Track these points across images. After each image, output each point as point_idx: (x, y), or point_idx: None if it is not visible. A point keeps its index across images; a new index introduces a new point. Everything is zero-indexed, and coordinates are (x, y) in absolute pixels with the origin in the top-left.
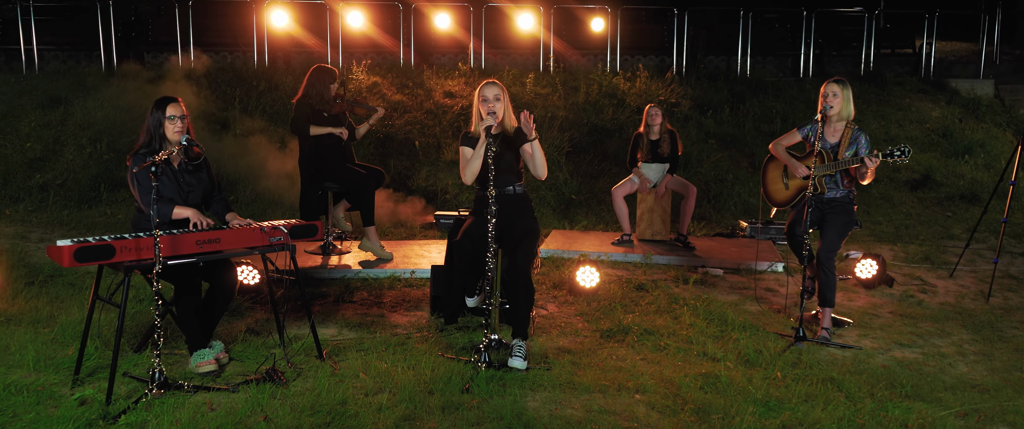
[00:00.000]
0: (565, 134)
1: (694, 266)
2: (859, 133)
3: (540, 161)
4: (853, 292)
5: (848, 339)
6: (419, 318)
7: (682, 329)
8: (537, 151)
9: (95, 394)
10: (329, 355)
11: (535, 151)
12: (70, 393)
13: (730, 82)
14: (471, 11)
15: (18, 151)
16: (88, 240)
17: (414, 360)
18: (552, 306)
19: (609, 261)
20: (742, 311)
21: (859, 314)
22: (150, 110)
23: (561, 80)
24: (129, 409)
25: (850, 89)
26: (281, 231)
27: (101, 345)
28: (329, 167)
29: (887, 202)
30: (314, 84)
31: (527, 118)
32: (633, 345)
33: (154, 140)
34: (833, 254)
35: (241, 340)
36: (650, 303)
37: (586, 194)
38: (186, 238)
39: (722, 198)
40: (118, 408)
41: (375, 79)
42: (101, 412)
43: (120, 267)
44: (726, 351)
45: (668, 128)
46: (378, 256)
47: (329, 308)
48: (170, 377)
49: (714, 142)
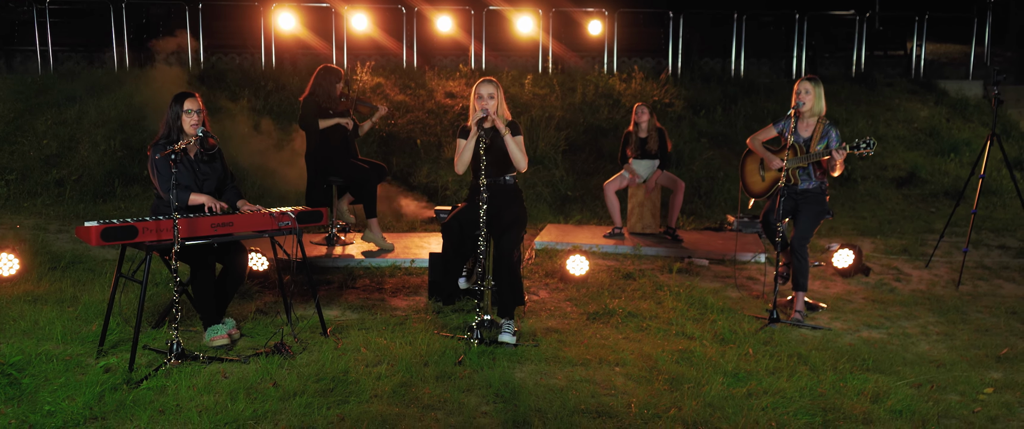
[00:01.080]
0: (561, 133)
1: (681, 257)
2: (830, 128)
3: (514, 153)
4: (830, 280)
5: (820, 321)
6: (417, 302)
7: (664, 312)
8: (510, 143)
9: (119, 363)
10: (333, 333)
11: (508, 144)
12: (95, 362)
13: (723, 83)
14: (472, 14)
15: (35, 148)
16: (113, 222)
17: (412, 337)
18: (543, 292)
19: (600, 252)
20: (722, 297)
21: (833, 300)
22: (169, 104)
23: (559, 81)
24: (150, 376)
25: (821, 86)
26: (289, 217)
27: (122, 322)
28: (334, 162)
29: (873, 198)
30: (321, 83)
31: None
32: (617, 326)
33: (173, 132)
34: (805, 241)
35: (251, 319)
36: (636, 289)
37: (581, 190)
38: (202, 221)
39: (713, 194)
40: (140, 375)
41: (379, 80)
42: (124, 378)
43: (142, 247)
44: (703, 331)
45: (656, 126)
46: (380, 247)
47: (333, 293)
48: (187, 349)
49: (706, 141)
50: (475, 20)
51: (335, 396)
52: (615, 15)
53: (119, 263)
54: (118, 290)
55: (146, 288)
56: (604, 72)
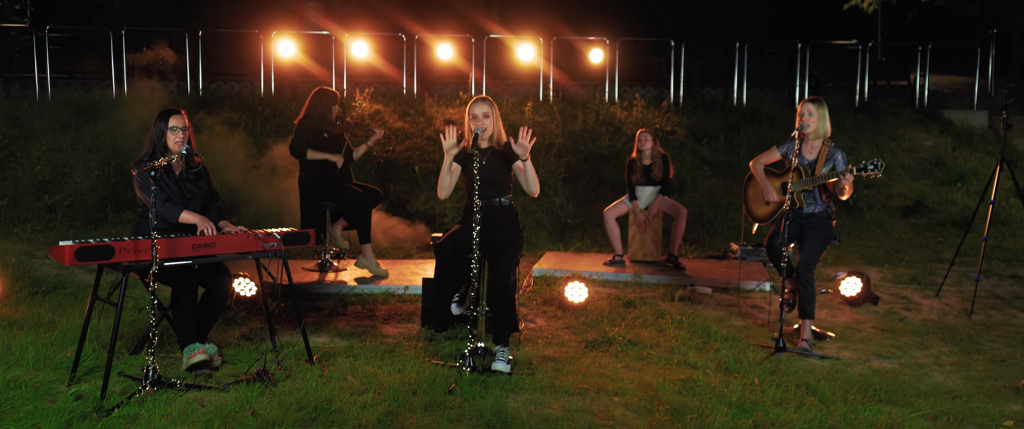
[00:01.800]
0: (562, 160)
1: (683, 285)
2: (836, 150)
3: (532, 179)
4: (838, 309)
5: (828, 350)
6: (409, 329)
7: (666, 340)
8: (529, 169)
9: (91, 390)
10: (319, 360)
11: (527, 169)
12: (67, 389)
13: (726, 112)
14: (473, 42)
15: (28, 174)
16: (89, 241)
17: (401, 365)
18: (541, 320)
19: (600, 280)
20: (726, 325)
21: (842, 329)
22: (154, 121)
23: (559, 108)
24: (122, 404)
25: (825, 108)
26: (275, 238)
27: (99, 347)
28: (327, 186)
29: (879, 228)
30: (316, 106)
31: (525, 134)
32: (616, 354)
33: (157, 149)
34: (812, 267)
35: (235, 345)
36: (637, 317)
37: (581, 218)
38: (183, 241)
39: (715, 222)
40: (112, 402)
41: (377, 106)
42: (95, 405)
43: (118, 267)
44: (706, 360)
45: (660, 152)
46: (374, 273)
47: (322, 319)
48: (164, 376)
49: (708, 169)
50: (476, 48)
51: (317, 426)
52: (616, 44)
53: (95, 285)
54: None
55: (121, 311)
56: (605, 100)
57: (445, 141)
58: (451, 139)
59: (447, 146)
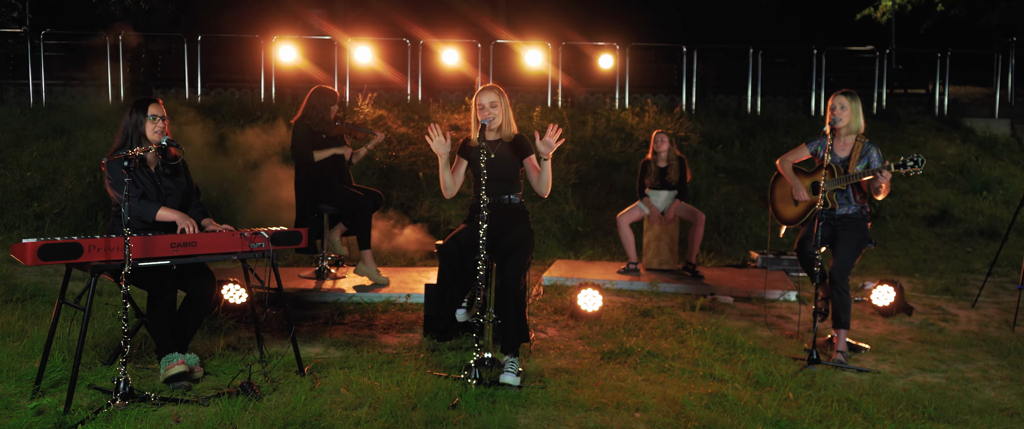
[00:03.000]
0: (571, 166)
1: (703, 294)
2: (870, 146)
3: (546, 179)
4: (870, 320)
5: (865, 363)
6: (411, 339)
7: (688, 352)
8: (546, 168)
9: (54, 404)
10: (310, 371)
11: (544, 168)
12: (28, 403)
13: (740, 118)
14: (479, 47)
15: (18, 181)
16: (55, 239)
17: (400, 377)
18: (552, 330)
19: (614, 289)
20: (753, 336)
21: (877, 340)
22: (128, 111)
23: (569, 114)
24: (87, 419)
25: (858, 102)
26: (262, 237)
27: (69, 357)
28: (326, 188)
29: (904, 237)
30: (314, 106)
31: (553, 131)
32: (635, 366)
33: (131, 140)
34: (846, 272)
35: (219, 355)
36: (655, 327)
37: (592, 226)
38: (160, 240)
39: (733, 231)
40: (76, 418)
41: (381, 112)
42: (57, 421)
43: (87, 267)
44: (734, 373)
45: (676, 155)
46: (374, 281)
47: (317, 329)
48: (137, 388)
49: (724, 176)
50: (482, 53)
51: None
52: (627, 50)
53: (63, 288)
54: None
55: (89, 316)
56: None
57: (432, 143)
58: (438, 138)
59: (437, 147)
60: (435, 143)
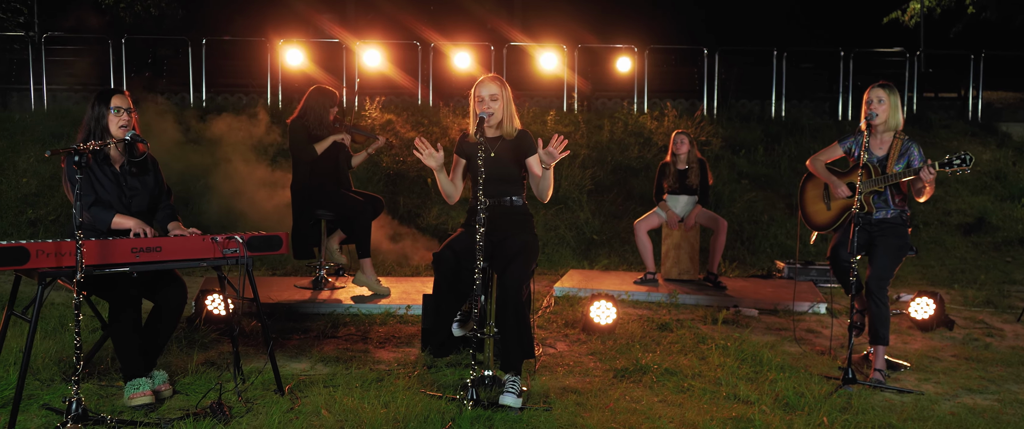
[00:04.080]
0: (587, 171)
1: (725, 306)
2: (911, 144)
3: (547, 185)
4: (908, 334)
5: (906, 383)
6: (407, 354)
7: (709, 370)
8: (548, 174)
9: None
10: (292, 390)
11: (545, 174)
12: None
13: (764, 123)
14: (492, 50)
15: (13, 187)
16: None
17: (389, 396)
18: (561, 345)
19: (630, 300)
20: (780, 352)
21: (917, 357)
22: (91, 104)
23: (585, 119)
24: None
25: (897, 95)
26: (236, 242)
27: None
28: (322, 193)
29: (939, 246)
30: (312, 107)
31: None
32: (651, 386)
33: (93, 135)
34: (885, 282)
35: (194, 372)
36: (673, 342)
37: (608, 234)
38: (119, 244)
39: (756, 239)
40: None
41: (389, 116)
42: None
43: (34, 274)
44: (761, 394)
45: (697, 157)
46: (373, 291)
47: (308, 342)
48: (93, 410)
49: (747, 182)
50: (495, 56)
51: None
52: (645, 52)
53: (11, 297)
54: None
55: (35, 329)
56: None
57: (423, 157)
58: (428, 151)
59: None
60: (425, 156)
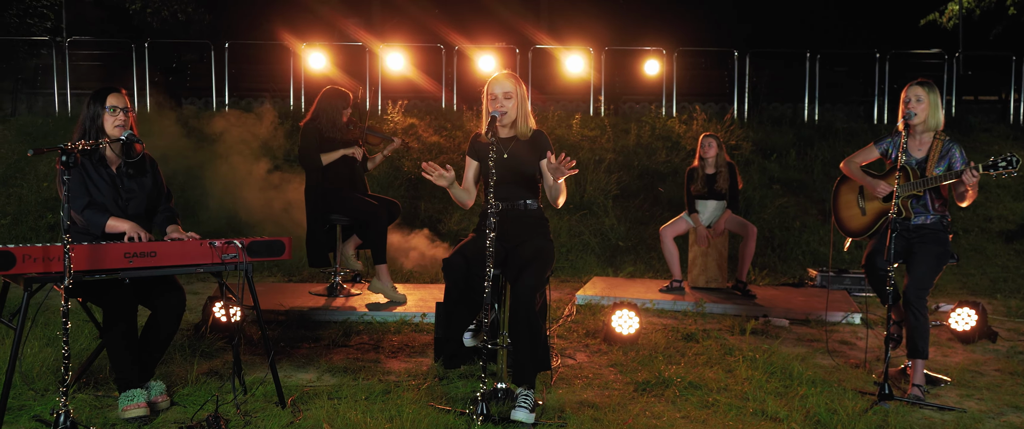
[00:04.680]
0: (612, 176)
1: (755, 316)
2: (952, 145)
3: (559, 192)
4: (948, 346)
5: (947, 399)
6: (419, 364)
7: (736, 383)
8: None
9: None
10: (295, 402)
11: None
12: None
13: (796, 127)
14: (517, 54)
15: (34, 191)
16: None
17: (396, 410)
18: (581, 356)
19: (655, 309)
20: (812, 365)
21: (958, 371)
22: (86, 104)
23: (611, 123)
24: None
25: (937, 93)
26: (235, 247)
27: (18, 382)
28: (336, 197)
29: (979, 254)
30: (325, 108)
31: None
32: (674, 400)
33: (89, 135)
34: (924, 292)
35: (195, 381)
36: (699, 354)
37: (634, 240)
38: (111, 249)
39: (788, 246)
40: None
41: (412, 120)
42: None
43: (20, 280)
44: (791, 410)
45: (726, 160)
46: (389, 298)
47: (317, 351)
48: (85, 422)
49: (779, 187)
50: (521, 59)
51: None
52: (674, 55)
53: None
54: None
55: (20, 337)
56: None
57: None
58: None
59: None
60: (435, 178)
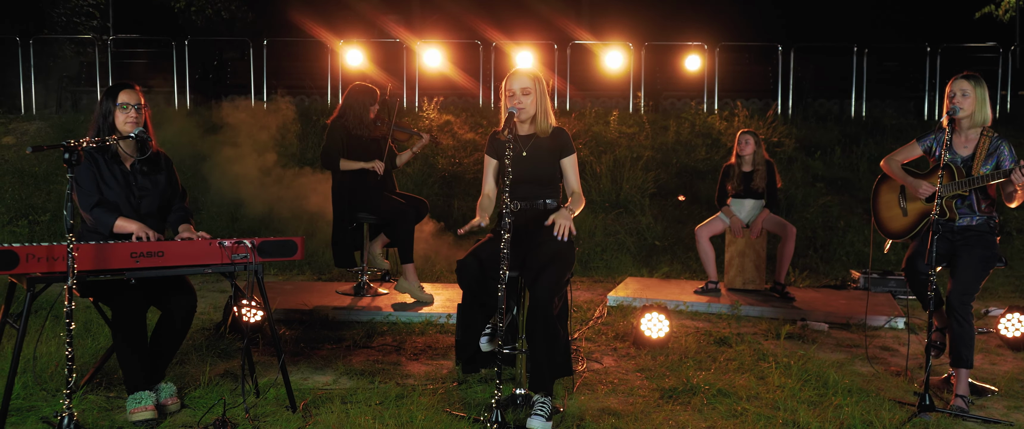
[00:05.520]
0: (649, 174)
1: (792, 319)
2: (1000, 142)
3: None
4: (996, 354)
5: (993, 411)
6: (439, 368)
7: (768, 391)
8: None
9: None
10: (307, 407)
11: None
12: None
13: (841, 123)
14: (556, 49)
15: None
16: None
17: (410, 415)
18: (609, 360)
19: (688, 311)
20: (850, 372)
21: (1006, 381)
22: (99, 101)
23: (649, 119)
24: None
25: (985, 87)
26: (245, 247)
27: (30, 382)
28: (363, 195)
29: None
30: (351, 105)
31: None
32: (700, 408)
33: (101, 132)
34: (969, 298)
35: (209, 383)
36: (730, 359)
37: (671, 240)
38: (117, 248)
39: (831, 247)
40: None
41: (447, 117)
42: None
43: (22, 280)
44: (824, 421)
45: (764, 158)
46: (416, 298)
47: (338, 353)
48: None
49: (822, 185)
50: (559, 56)
51: None
52: (716, 50)
53: (6, 303)
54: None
55: (23, 337)
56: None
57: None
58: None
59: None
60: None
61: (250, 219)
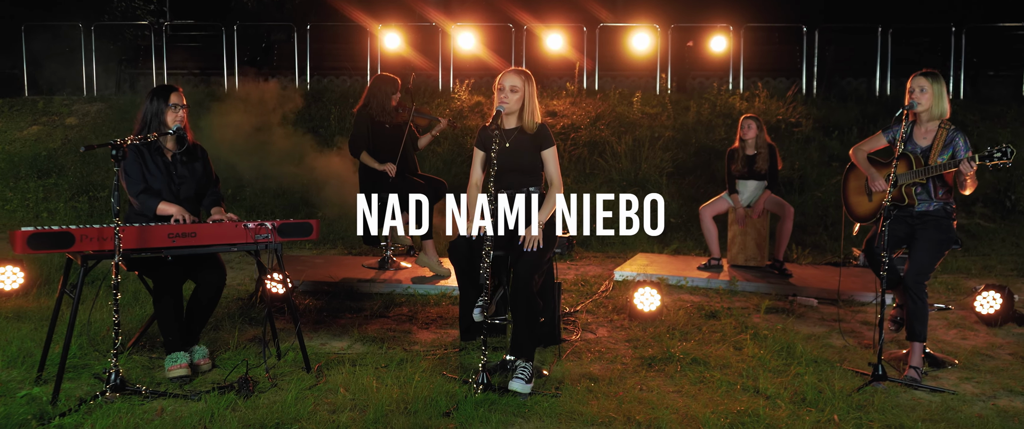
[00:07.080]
0: (668, 153)
1: (785, 295)
2: (956, 134)
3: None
4: (971, 329)
5: (946, 382)
6: (445, 336)
7: (740, 360)
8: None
9: (45, 393)
10: (321, 368)
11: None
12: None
13: (863, 103)
14: (585, 32)
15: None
16: (51, 227)
17: (409, 377)
18: (603, 330)
19: (689, 286)
20: (822, 345)
21: (969, 354)
22: (148, 98)
23: (672, 99)
24: (69, 412)
25: (943, 84)
26: (267, 228)
27: (85, 344)
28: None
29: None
30: (375, 95)
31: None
32: (673, 375)
33: (149, 127)
34: (924, 277)
35: (238, 346)
36: (714, 331)
37: (686, 217)
38: (157, 230)
39: (840, 225)
40: (60, 409)
41: (478, 98)
42: (38, 411)
43: (77, 256)
44: (781, 387)
45: (767, 141)
46: (435, 272)
47: (357, 321)
48: (132, 380)
49: (837, 165)
50: (588, 37)
51: None
52: (742, 30)
53: (64, 276)
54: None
55: (78, 304)
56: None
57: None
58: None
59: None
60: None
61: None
